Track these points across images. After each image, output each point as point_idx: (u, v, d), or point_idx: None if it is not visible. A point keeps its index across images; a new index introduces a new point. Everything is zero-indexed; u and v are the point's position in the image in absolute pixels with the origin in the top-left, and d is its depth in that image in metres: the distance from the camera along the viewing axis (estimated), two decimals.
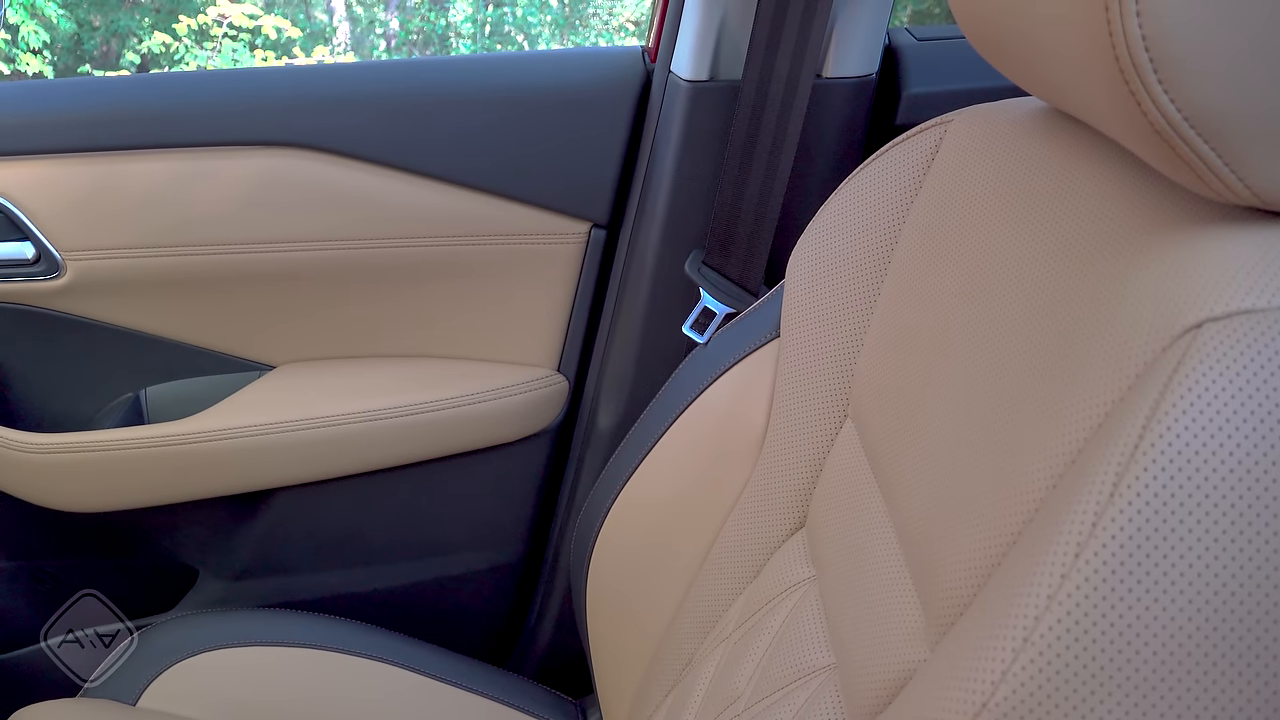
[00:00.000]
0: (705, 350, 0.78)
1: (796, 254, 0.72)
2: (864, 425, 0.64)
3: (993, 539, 0.43)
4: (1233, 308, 0.35)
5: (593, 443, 1.01)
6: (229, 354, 0.97)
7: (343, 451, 0.96)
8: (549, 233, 0.95)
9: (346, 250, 0.93)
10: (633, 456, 0.78)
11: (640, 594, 0.77)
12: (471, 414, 0.98)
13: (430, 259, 0.95)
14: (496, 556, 1.06)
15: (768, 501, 0.70)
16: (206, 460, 0.93)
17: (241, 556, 1.01)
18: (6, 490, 0.93)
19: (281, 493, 0.98)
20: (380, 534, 1.02)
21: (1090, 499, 0.35)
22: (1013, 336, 0.48)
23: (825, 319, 0.69)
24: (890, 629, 0.51)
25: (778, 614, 0.65)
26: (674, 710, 0.72)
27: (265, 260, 0.92)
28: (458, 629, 1.08)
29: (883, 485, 0.59)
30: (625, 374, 0.97)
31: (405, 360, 1.00)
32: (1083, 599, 0.34)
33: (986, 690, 0.35)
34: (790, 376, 0.70)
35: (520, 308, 0.98)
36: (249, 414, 0.94)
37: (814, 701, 0.56)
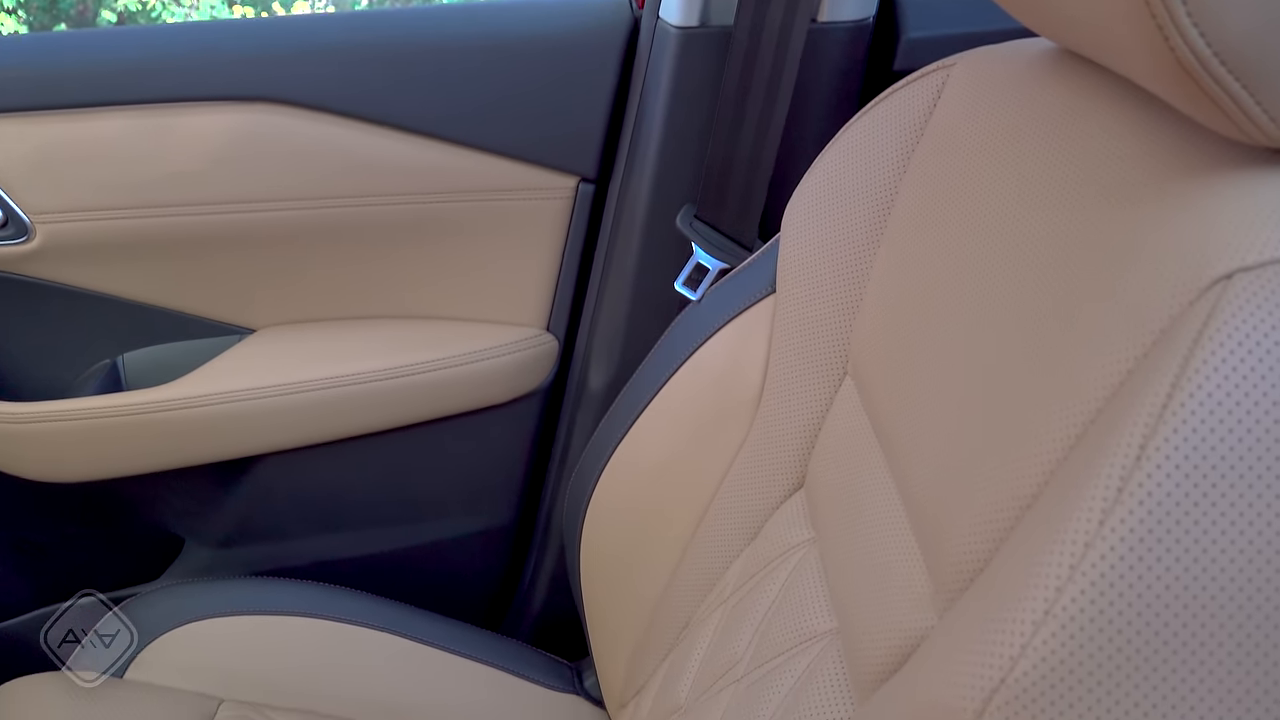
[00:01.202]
0: (698, 307, 0.76)
1: (792, 206, 0.70)
2: (864, 383, 0.62)
3: (1004, 504, 0.41)
4: (1266, 256, 0.33)
5: (584, 403, 0.99)
6: (208, 318, 0.94)
7: (328, 416, 0.94)
8: (535, 188, 0.92)
9: (326, 209, 0.90)
10: (625, 417, 0.76)
11: (635, 557, 0.76)
12: (460, 375, 0.96)
13: (413, 217, 0.92)
14: (488, 519, 1.05)
15: (765, 462, 0.69)
16: (188, 427, 0.91)
17: (228, 524, 0.99)
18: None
19: (267, 459, 0.96)
20: (369, 499, 1.01)
21: (1115, 463, 0.33)
22: (1023, 290, 0.46)
23: (823, 273, 0.67)
24: (895, 594, 0.50)
25: (777, 577, 0.63)
26: (671, 674, 0.71)
27: (242, 220, 0.89)
28: (450, 593, 1.06)
29: (885, 445, 0.57)
30: (616, 332, 0.95)
31: (390, 322, 0.97)
32: (1108, 569, 0.32)
33: (1004, 665, 0.33)
34: (787, 333, 0.68)
35: (507, 266, 0.96)
36: (230, 379, 0.92)
37: (816, 667, 0.55)
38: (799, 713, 0.53)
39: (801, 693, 0.54)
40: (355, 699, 0.82)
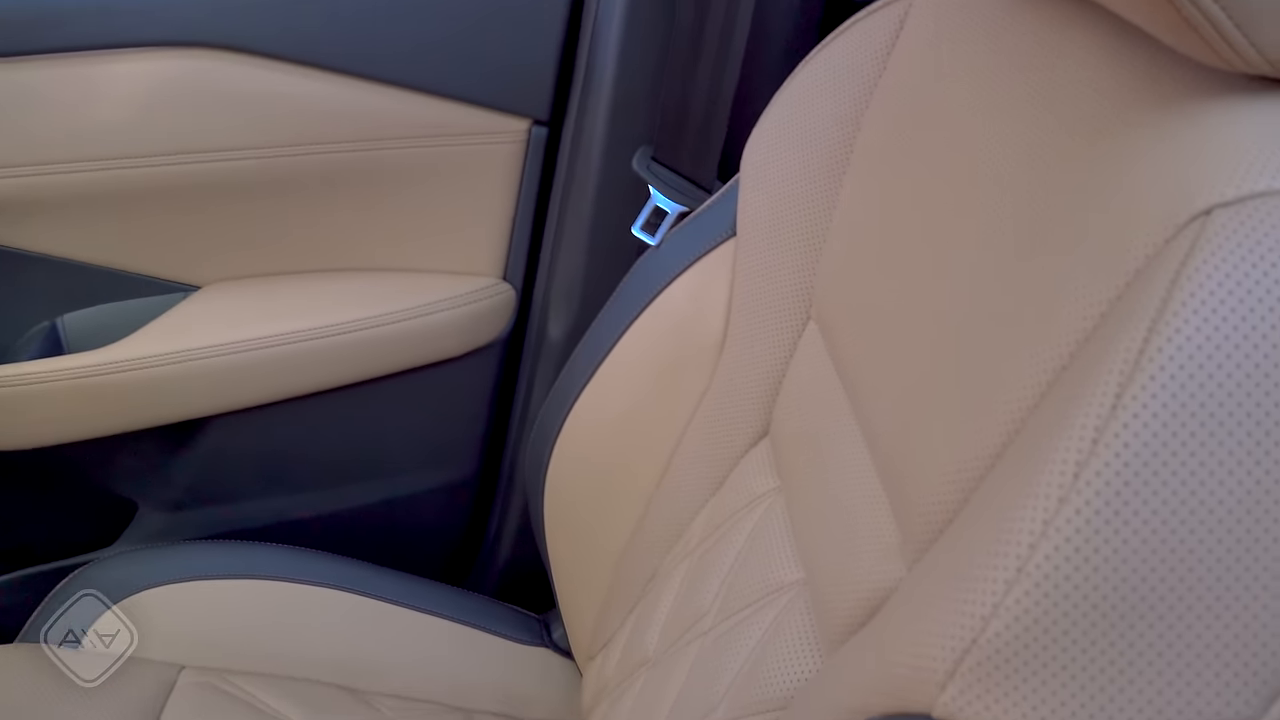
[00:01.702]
0: (658, 252, 0.74)
1: (751, 145, 0.67)
2: (828, 328, 0.60)
3: (973, 453, 0.39)
4: (1245, 190, 0.32)
5: (544, 353, 0.97)
6: (149, 276, 0.91)
7: (280, 374, 0.91)
8: (486, 131, 0.89)
9: (267, 159, 0.86)
10: (585, 367, 0.74)
11: (600, 508, 0.74)
12: (414, 328, 0.93)
13: (360, 165, 0.89)
14: (450, 474, 1.03)
15: (728, 409, 0.67)
16: (134, 390, 0.88)
17: (181, 487, 0.97)
18: None
19: (219, 419, 0.94)
20: (326, 457, 0.98)
21: (1089, 413, 0.31)
22: (992, 230, 0.44)
23: (784, 214, 0.65)
24: (862, 544, 0.49)
25: (743, 527, 0.62)
26: (639, 627, 0.70)
27: (179, 173, 0.85)
28: (413, 550, 1.05)
29: (850, 391, 0.56)
30: (574, 280, 0.93)
31: (340, 275, 0.94)
32: (1083, 524, 0.30)
33: (976, 626, 0.32)
34: (749, 277, 0.66)
35: (460, 214, 0.93)
36: (176, 339, 0.89)
37: (783, 619, 0.54)
38: (767, 665, 0.52)
39: (769, 645, 0.53)
40: (319, 660, 0.80)
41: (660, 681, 0.63)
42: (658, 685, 0.63)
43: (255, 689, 0.77)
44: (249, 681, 0.78)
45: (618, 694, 0.70)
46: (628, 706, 0.67)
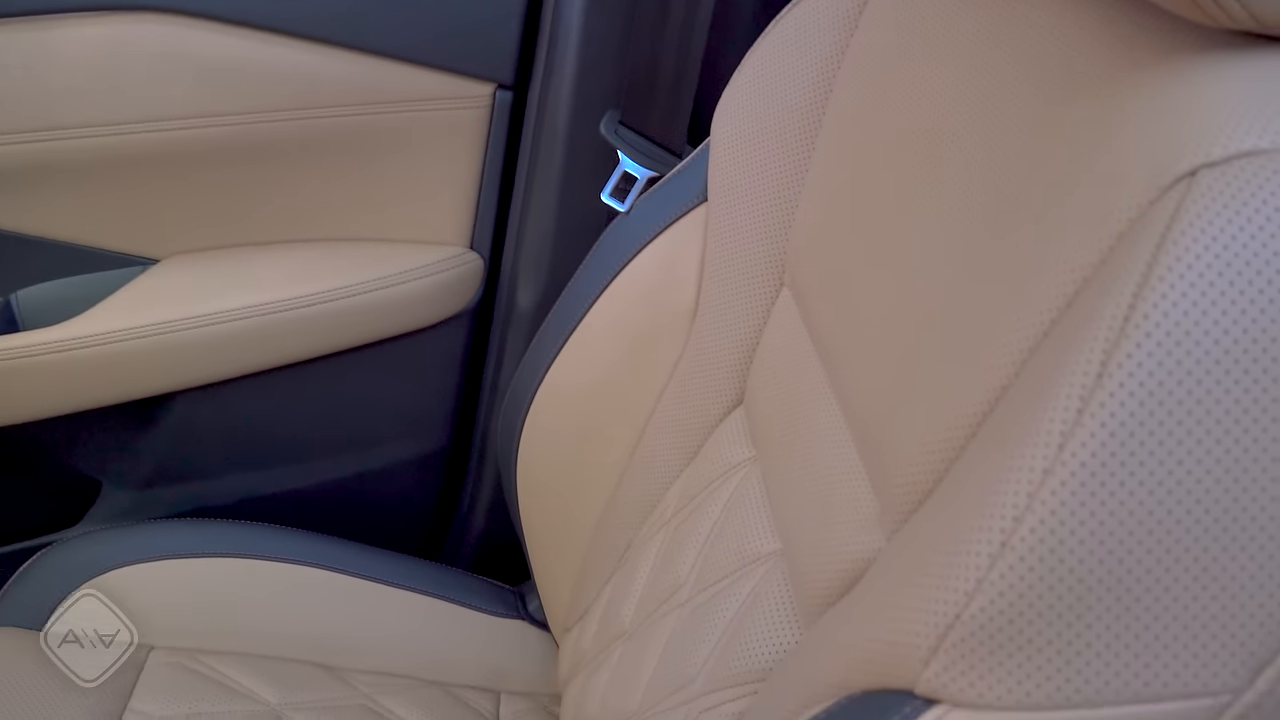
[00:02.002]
0: (627, 219, 0.72)
1: (722, 108, 0.66)
2: (802, 294, 0.59)
3: (953, 422, 0.39)
4: (1232, 150, 0.31)
5: (514, 323, 0.95)
6: (106, 249, 0.88)
7: (244, 348, 0.90)
8: (450, 97, 0.87)
9: (225, 127, 0.84)
10: (556, 337, 0.73)
11: (573, 479, 0.73)
12: (382, 300, 0.91)
13: (324, 133, 0.86)
14: (421, 447, 1.02)
15: (702, 378, 0.66)
16: (93, 367, 0.86)
17: (146, 464, 0.95)
18: None
19: (184, 395, 0.92)
20: (294, 432, 0.97)
21: (1074, 382, 0.30)
22: (969, 192, 0.43)
23: (756, 178, 0.64)
24: (840, 514, 0.48)
25: (718, 498, 0.62)
26: (615, 598, 0.69)
27: (132, 142, 0.83)
28: (385, 525, 1.04)
29: (825, 359, 0.55)
30: (543, 248, 0.92)
31: (302, 246, 0.92)
32: (1068, 497, 0.30)
33: (960, 600, 0.31)
34: (721, 243, 0.65)
35: (425, 182, 0.91)
36: (136, 314, 0.87)
37: (760, 590, 0.53)
38: (745, 636, 0.52)
39: (746, 617, 0.53)
40: (293, 638, 0.79)
41: (637, 654, 0.62)
42: (634, 657, 0.63)
43: (227, 668, 0.76)
44: (221, 661, 0.77)
45: (594, 666, 0.69)
46: (605, 678, 0.66)
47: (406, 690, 0.79)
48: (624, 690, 0.62)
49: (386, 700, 0.78)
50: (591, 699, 0.68)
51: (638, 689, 0.60)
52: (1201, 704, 0.29)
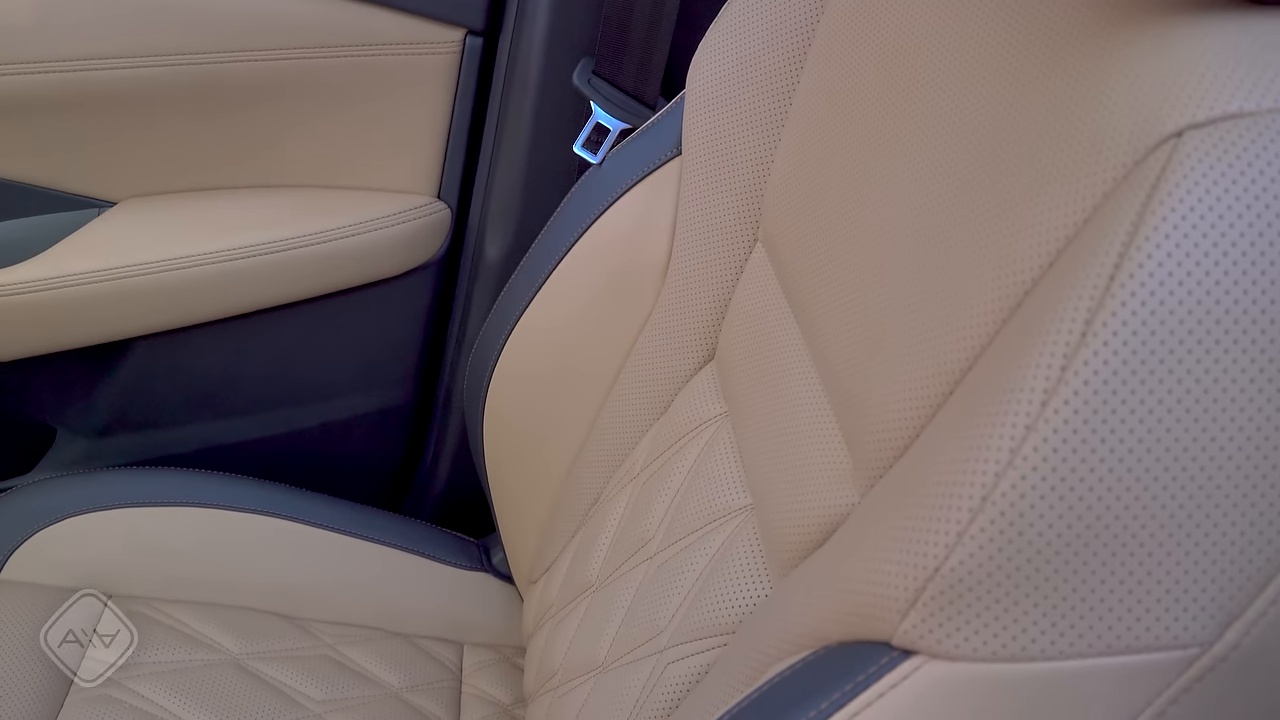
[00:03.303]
0: (599, 171, 0.72)
1: (698, 60, 0.65)
2: (776, 250, 0.59)
3: (929, 380, 0.39)
4: (1217, 111, 0.31)
5: (481, 275, 0.94)
6: (59, 190, 0.86)
7: (204, 294, 0.88)
8: (418, 41, 0.85)
9: (186, 66, 0.81)
10: (525, 290, 0.72)
11: (540, 433, 0.73)
12: (345, 248, 0.90)
13: (288, 75, 0.84)
14: (384, 398, 1.01)
15: (673, 333, 0.66)
16: (44, 312, 0.84)
17: (102, 412, 0.93)
18: None
19: (140, 341, 0.90)
20: (255, 381, 0.95)
21: (1058, 340, 0.30)
22: (950, 149, 0.43)
23: (731, 132, 0.63)
24: (812, 470, 0.48)
25: (689, 452, 0.62)
26: (581, 551, 0.70)
27: (93, 79, 0.80)
28: (346, 476, 1.03)
29: (799, 315, 0.55)
30: (512, 199, 0.90)
31: (266, 191, 0.90)
32: (1050, 453, 0.30)
33: (939, 554, 0.31)
34: (694, 197, 0.65)
35: (392, 128, 0.89)
36: (90, 258, 0.84)
37: (731, 544, 0.54)
38: (715, 589, 0.52)
39: (717, 569, 0.53)
40: (254, 587, 0.79)
41: (604, 606, 0.63)
42: (601, 610, 0.63)
43: (187, 617, 0.76)
44: (181, 610, 0.76)
45: (560, 618, 0.69)
46: (570, 630, 0.67)
47: (369, 641, 0.79)
48: (590, 642, 0.63)
49: (349, 651, 0.78)
50: (556, 650, 0.68)
51: (604, 641, 0.61)
52: (1171, 656, 0.30)
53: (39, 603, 0.72)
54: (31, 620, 0.71)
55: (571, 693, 0.63)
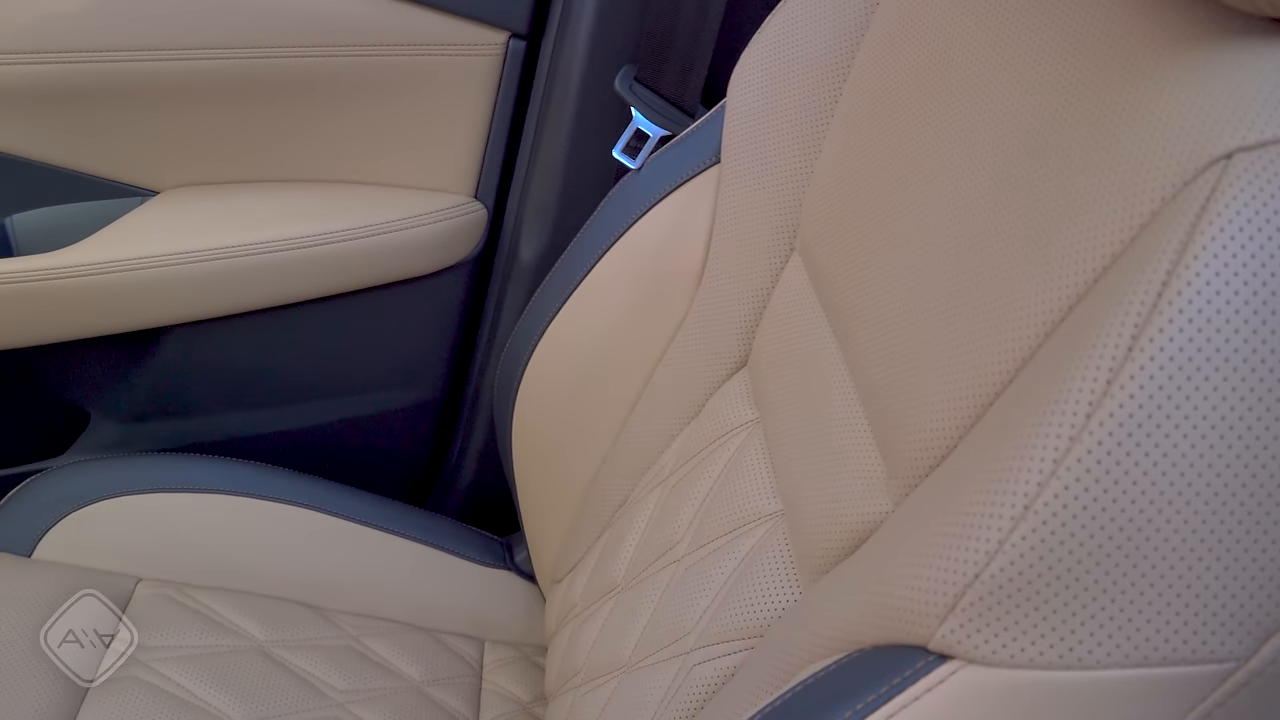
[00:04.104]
0: (638, 176, 0.72)
1: (740, 69, 0.66)
2: (813, 260, 0.59)
3: (969, 392, 0.39)
4: (1268, 135, 0.31)
5: (515, 275, 0.95)
6: (105, 178, 0.87)
7: (241, 286, 0.89)
8: (462, 43, 0.86)
9: (235, 60, 0.83)
10: (559, 291, 0.73)
11: (570, 434, 0.74)
12: (382, 244, 0.91)
13: (332, 72, 0.85)
14: (414, 395, 1.02)
15: (707, 338, 0.67)
16: (87, 296, 0.85)
17: (137, 398, 0.95)
18: None
19: (178, 330, 0.91)
20: (288, 373, 0.96)
21: (1104, 353, 0.31)
22: (995, 165, 0.43)
23: (772, 142, 0.64)
24: (846, 478, 0.49)
25: (719, 457, 0.62)
26: (607, 553, 0.70)
27: (142, 70, 0.81)
28: (375, 471, 1.04)
29: (835, 325, 0.55)
30: (549, 201, 0.91)
31: (306, 186, 0.91)
32: (1094, 464, 0.30)
33: (979, 561, 0.32)
34: (732, 205, 0.65)
35: (432, 128, 0.90)
36: (132, 245, 0.86)
37: (760, 549, 0.54)
38: (743, 593, 0.53)
39: (745, 574, 0.54)
40: (280, 576, 0.80)
41: (630, 607, 0.63)
42: (627, 610, 0.63)
43: (214, 603, 0.77)
44: (208, 595, 0.77)
45: (584, 618, 0.70)
46: (595, 630, 0.67)
47: (392, 634, 0.80)
48: (615, 642, 0.63)
49: (372, 642, 0.78)
50: (579, 650, 0.68)
51: (629, 641, 0.61)
52: (1207, 670, 0.30)
53: (75, 584, 0.73)
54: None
55: (594, 691, 0.63)
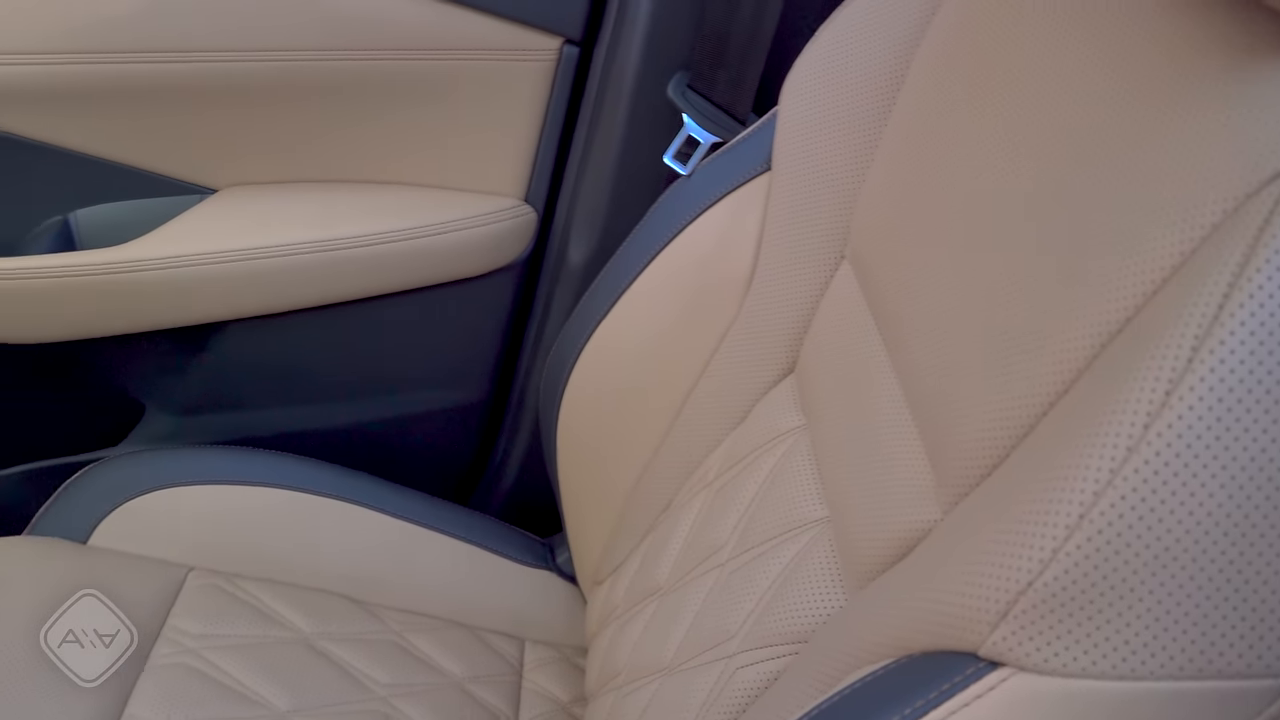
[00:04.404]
0: (688, 182, 0.73)
1: (793, 77, 0.66)
2: (864, 267, 0.60)
3: (1022, 402, 0.39)
4: None
5: (563, 278, 0.96)
6: (166, 175, 0.89)
7: (295, 283, 0.90)
8: (516, 48, 0.87)
9: (292, 62, 0.84)
10: (607, 295, 0.73)
11: (615, 437, 0.74)
12: (432, 245, 0.92)
13: (387, 75, 0.87)
14: (460, 395, 1.03)
15: (754, 344, 0.67)
16: (145, 290, 0.87)
17: (190, 391, 0.96)
18: None
19: (231, 325, 0.93)
20: (337, 370, 0.98)
21: (1163, 365, 0.31)
22: (1049, 176, 0.43)
23: (824, 150, 0.64)
24: (894, 485, 0.49)
25: (765, 463, 0.62)
26: (650, 556, 0.70)
27: (203, 71, 0.83)
28: (419, 469, 1.05)
29: (885, 333, 0.55)
30: (599, 206, 0.92)
31: (359, 186, 0.93)
32: (1151, 475, 0.30)
33: (1032, 569, 0.32)
34: (782, 212, 0.66)
35: (485, 131, 0.91)
36: (190, 241, 0.87)
37: (806, 555, 0.54)
38: (788, 598, 0.53)
39: (790, 579, 0.54)
40: (327, 571, 0.81)
41: (672, 610, 0.63)
42: (669, 613, 0.64)
43: (262, 594, 0.78)
44: (256, 587, 0.78)
45: (625, 620, 0.70)
46: (636, 632, 0.68)
47: (434, 630, 0.80)
48: (657, 644, 0.63)
49: (415, 638, 0.79)
50: (620, 651, 0.69)
51: (672, 643, 0.62)
52: (1262, 684, 0.30)
53: (128, 571, 0.75)
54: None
55: (636, 693, 0.63)
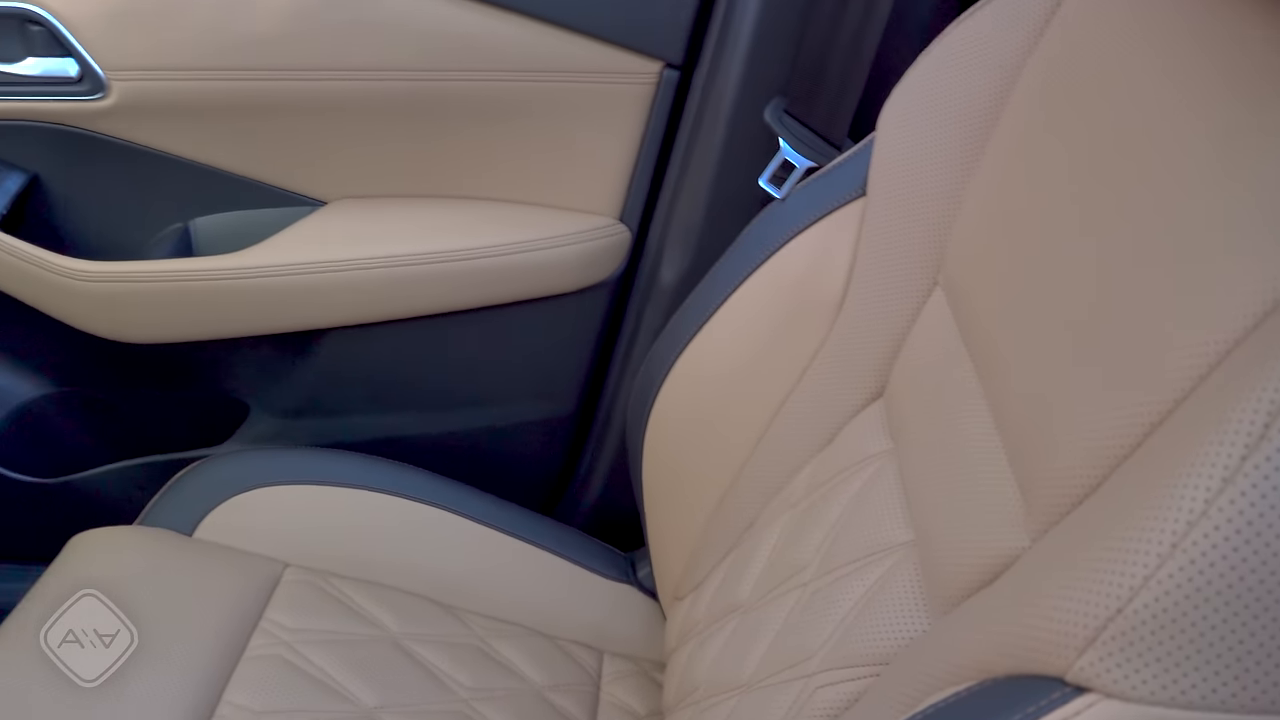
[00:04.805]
0: (782, 206, 0.73)
1: (891, 104, 0.66)
2: (958, 294, 0.59)
3: (1115, 433, 0.39)
4: None
5: (654, 297, 0.97)
6: (279, 187, 0.93)
7: (397, 294, 0.94)
8: (618, 71, 0.89)
9: (404, 82, 0.88)
10: (698, 315, 0.74)
11: (701, 454, 0.75)
12: (528, 261, 0.94)
13: (491, 95, 0.90)
14: (549, 409, 1.05)
15: (844, 368, 0.67)
16: (255, 296, 0.91)
17: (293, 395, 1.00)
18: (56, 317, 0.91)
19: (334, 333, 0.96)
20: (432, 380, 1.01)
21: (1264, 396, 0.31)
22: (1153, 206, 0.43)
23: (920, 177, 0.64)
24: (982, 512, 0.49)
25: (851, 485, 0.62)
26: (733, 573, 0.71)
27: (319, 89, 0.87)
28: (505, 480, 1.07)
29: (977, 360, 0.55)
30: (693, 226, 0.93)
31: (461, 202, 0.96)
32: (1247, 506, 0.30)
33: (1123, 596, 0.32)
34: (876, 238, 0.66)
35: (583, 152, 0.93)
36: (300, 251, 0.91)
37: (890, 578, 0.54)
38: (870, 620, 0.53)
39: (873, 601, 0.54)
40: (418, 574, 0.83)
41: (753, 627, 0.64)
42: (750, 631, 0.64)
43: (353, 593, 0.81)
44: (348, 586, 0.81)
45: (705, 636, 0.71)
46: (715, 649, 0.68)
47: (516, 637, 0.82)
48: (736, 661, 0.64)
49: (497, 644, 0.81)
50: (699, 667, 0.69)
51: (751, 661, 0.62)
52: None
53: (228, 564, 0.78)
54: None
55: (713, 708, 0.64)
